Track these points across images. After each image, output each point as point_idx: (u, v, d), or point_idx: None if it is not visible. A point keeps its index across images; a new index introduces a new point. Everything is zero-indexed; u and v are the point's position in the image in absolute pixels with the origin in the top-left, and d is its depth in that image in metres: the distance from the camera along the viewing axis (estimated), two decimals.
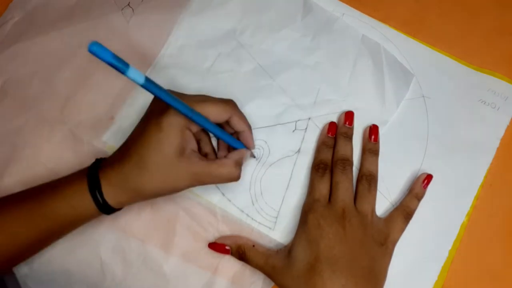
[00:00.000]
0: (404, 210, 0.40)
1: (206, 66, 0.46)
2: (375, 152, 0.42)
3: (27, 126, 0.44)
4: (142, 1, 0.48)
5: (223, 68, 0.46)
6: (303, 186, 0.42)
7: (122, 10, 0.48)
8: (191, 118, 0.34)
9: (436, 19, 0.48)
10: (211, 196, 0.42)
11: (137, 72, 0.29)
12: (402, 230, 0.40)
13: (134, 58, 0.46)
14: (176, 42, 0.46)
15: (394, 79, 0.45)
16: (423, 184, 0.41)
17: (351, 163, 0.41)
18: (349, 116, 0.43)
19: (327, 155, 0.42)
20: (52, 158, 0.43)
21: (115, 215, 0.41)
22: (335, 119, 0.44)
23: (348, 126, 0.43)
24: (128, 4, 0.48)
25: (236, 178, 0.37)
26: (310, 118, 0.44)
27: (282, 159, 0.43)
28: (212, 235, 0.41)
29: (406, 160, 0.44)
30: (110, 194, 0.35)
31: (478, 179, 0.43)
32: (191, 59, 0.46)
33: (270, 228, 0.41)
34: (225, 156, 0.38)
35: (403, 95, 0.45)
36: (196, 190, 0.42)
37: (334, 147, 0.42)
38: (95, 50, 0.26)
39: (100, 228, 0.41)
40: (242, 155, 0.39)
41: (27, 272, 0.41)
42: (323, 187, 0.40)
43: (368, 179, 0.41)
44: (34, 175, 0.42)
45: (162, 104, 0.34)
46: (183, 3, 0.47)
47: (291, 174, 0.43)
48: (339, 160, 0.41)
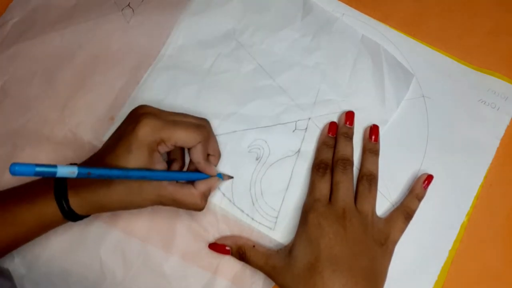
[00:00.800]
0: (404, 210, 0.40)
1: (206, 66, 0.46)
2: (376, 152, 0.42)
3: (27, 126, 0.44)
4: (142, 1, 0.48)
5: (223, 68, 0.46)
6: (303, 186, 0.42)
7: (122, 10, 0.48)
8: (143, 179, 0.35)
9: (436, 19, 0.48)
10: (212, 197, 0.42)
11: (65, 168, 0.28)
12: (402, 230, 0.40)
13: (134, 58, 0.46)
14: (176, 42, 0.46)
15: (394, 79, 0.45)
16: (424, 185, 0.41)
17: (351, 163, 0.41)
18: (349, 116, 0.43)
19: (327, 155, 0.42)
20: (52, 158, 0.43)
21: (115, 215, 0.41)
22: (335, 119, 0.44)
23: (348, 126, 0.43)
24: (128, 4, 0.48)
25: (200, 210, 0.38)
26: (310, 118, 0.44)
27: (282, 159, 0.43)
28: (212, 235, 0.41)
29: (406, 160, 0.44)
30: (76, 204, 0.35)
31: (478, 179, 0.43)
32: (191, 59, 0.46)
33: (270, 228, 0.41)
34: (193, 185, 0.38)
35: (403, 95, 0.45)
36: None
37: (335, 147, 0.42)
38: (17, 170, 0.26)
39: (100, 228, 0.41)
40: (210, 185, 0.39)
41: (24, 273, 0.41)
42: (324, 187, 0.40)
43: (368, 179, 0.41)
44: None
45: (134, 124, 0.35)
46: (183, 3, 0.47)
47: (291, 174, 0.43)
48: (340, 160, 0.41)
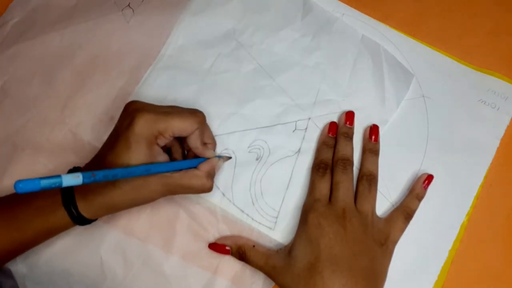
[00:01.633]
0: (404, 211, 0.40)
1: (206, 66, 0.46)
2: (376, 152, 0.42)
3: (27, 126, 0.44)
4: (142, 1, 0.48)
5: (223, 68, 0.46)
6: (303, 186, 0.42)
7: (122, 10, 0.48)
8: (147, 173, 0.35)
9: (436, 19, 0.48)
10: (212, 196, 0.42)
11: (70, 178, 0.28)
12: (402, 230, 0.40)
13: (134, 58, 0.46)
14: (176, 42, 0.46)
15: (394, 79, 0.45)
16: (424, 185, 0.41)
17: (351, 163, 0.41)
18: (349, 116, 0.43)
19: (327, 155, 0.42)
20: (52, 159, 0.43)
21: (115, 215, 0.41)
22: (335, 119, 0.44)
23: (348, 126, 0.43)
24: (128, 4, 0.48)
25: (208, 190, 0.38)
26: (310, 118, 0.44)
27: (282, 159, 0.43)
28: (212, 235, 0.41)
29: (406, 160, 0.44)
30: (84, 208, 0.35)
31: (478, 179, 0.43)
32: (191, 59, 0.46)
33: (270, 228, 0.41)
34: (196, 167, 0.38)
35: (403, 95, 0.45)
36: None
37: (335, 147, 0.42)
38: (22, 187, 0.26)
39: (101, 228, 0.41)
40: (213, 165, 0.39)
41: (26, 272, 0.41)
42: (324, 187, 0.40)
43: (368, 179, 0.41)
44: (35, 176, 0.42)
45: (129, 119, 0.35)
46: (183, 3, 0.47)
47: (291, 174, 0.43)
48: (340, 160, 0.41)
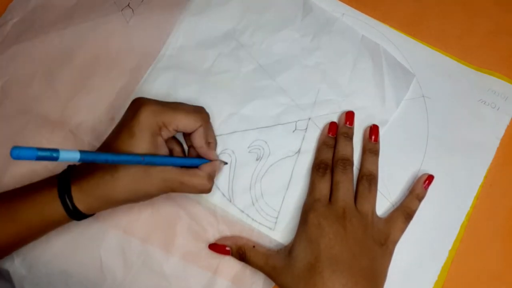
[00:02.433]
0: (404, 211, 0.40)
1: (206, 66, 0.46)
2: (376, 152, 0.42)
3: (27, 127, 0.44)
4: (142, 1, 0.48)
5: (223, 68, 0.46)
6: (303, 186, 0.42)
7: (122, 10, 0.48)
8: (148, 164, 0.34)
9: (436, 19, 0.48)
10: (212, 197, 0.42)
11: (68, 153, 0.28)
12: (402, 231, 0.40)
13: (134, 59, 0.46)
14: (176, 42, 0.46)
15: (394, 79, 0.45)
16: (424, 185, 0.41)
17: (351, 163, 0.41)
18: (349, 116, 0.43)
19: (327, 155, 0.42)
20: None
21: (115, 215, 0.41)
22: (335, 119, 0.44)
23: (348, 126, 0.43)
24: (128, 4, 0.48)
25: (208, 191, 0.38)
26: (310, 118, 0.44)
27: (283, 159, 0.43)
28: (212, 235, 0.41)
29: (406, 160, 0.44)
30: (80, 200, 0.35)
31: (478, 179, 0.43)
32: (191, 59, 0.46)
33: (271, 229, 0.41)
34: (198, 168, 0.38)
35: (403, 95, 0.45)
36: None
37: (335, 147, 0.42)
38: (18, 153, 0.26)
39: (100, 228, 0.41)
40: (215, 167, 0.39)
41: (24, 274, 0.41)
42: (324, 187, 0.40)
43: (368, 179, 0.41)
44: (35, 176, 0.42)
45: (135, 110, 0.35)
46: (183, 3, 0.47)
47: (291, 174, 0.43)
48: (340, 160, 0.41)
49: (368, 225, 0.39)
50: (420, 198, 0.41)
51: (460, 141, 0.44)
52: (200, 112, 0.37)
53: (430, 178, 0.42)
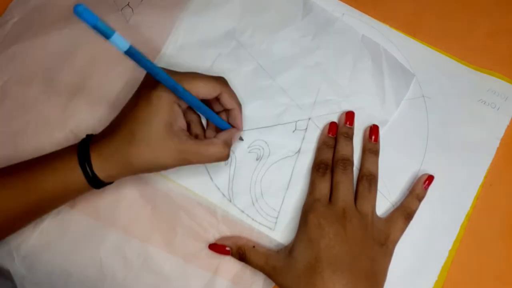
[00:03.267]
0: (404, 211, 0.40)
1: (206, 66, 0.46)
2: (376, 152, 0.42)
3: (28, 127, 0.44)
4: (141, 1, 0.48)
5: (223, 68, 0.46)
6: (303, 186, 0.42)
7: (121, 10, 0.48)
8: (177, 93, 0.34)
9: (436, 19, 0.48)
10: (212, 197, 0.42)
11: (121, 39, 0.29)
12: (402, 231, 0.40)
13: None
14: (176, 42, 0.46)
15: (394, 79, 0.45)
16: (424, 185, 0.41)
17: (351, 163, 0.41)
18: (349, 116, 0.43)
19: (327, 155, 0.42)
20: None
21: (115, 215, 0.41)
22: (335, 119, 0.44)
23: (348, 126, 0.43)
24: (128, 4, 0.48)
25: (225, 158, 0.37)
26: (310, 118, 0.44)
27: (283, 159, 0.43)
28: (212, 235, 0.41)
29: (406, 160, 0.44)
30: (99, 167, 0.35)
31: (478, 179, 0.43)
32: (191, 59, 0.46)
33: (271, 229, 0.41)
34: (214, 136, 0.38)
35: (403, 95, 0.45)
36: (196, 189, 0.42)
37: (335, 147, 0.42)
38: (81, 11, 0.26)
39: (100, 228, 0.41)
40: (231, 135, 0.39)
41: (25, 273, 0.41)
42: (324, 187, 0.40)
43: (368, 179, 0.41)
44: None
45: (153, 79, 0.34)
46: (183, 3, 0.47)
47: (291, 175, 0.43)
48: (340, 160, 0.41)
49: (368, 225, 0.39)
50: (420, 198, 0.41)
51: (460, 141, 0.44)
52: (218, 79, 0.38)
53: (430, 178, 0.42)
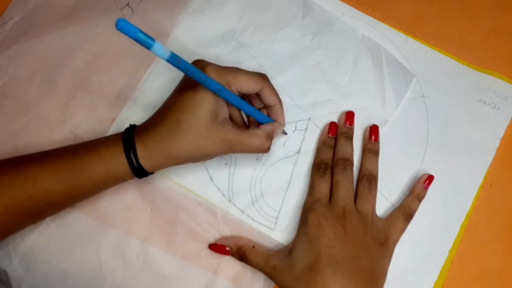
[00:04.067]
0: (404, 211, 0.40)
1: None
2: (376, 152, 0.42)
3: (28, 127, 0.44)
4: (141, 1, 0.48)
5: None
6: (303, 186, 0.42)
7: (121, 10, 0.48)
8: (219, 93, 0.35)
9: (436, 19, 0.48)
10: (212, 197, 0.42)
11: (161, 48, 0.30)
12: (402, 231, 0.40)
13: (134, 58, 0.46)
14: (175, 42, 0.46)
15: (394, 79, 0.45)
16: (424, 185, 0.41)
17: (351, 163, 0.41)
18: (349, 116, 0.43)
19: (327, 155, 0.42)
20: None
21: (115, 215, 0.41)
22: (335, 119, 0.44)
23: (348, 126, 0.43)
24: (127, 4, 0.48)
25: (266, 150, 0.38)
26: (310, 118, 0.44)
27: (283, 160, 0.43)
28: (213, 235, 0.41)
29: (406, 160, 0.44)
30: (144, 156, 0.36)
31: (478, 179, 0.43)
32: (191, 59, 0.46)
33: (271, 229, 0.41)
34: (258, 128, 0.39)
35: (403, 95, 0.45)
36: (196, 190, 0.42)
37: (335, 147, 0.42)
38: (123, 26, 0.27)
39: (100, 228, 0.41)
40: (274, 128, 0.39)
41: (22, 274, 0.41)
42: (324, 187, 0.40)
43: (368, 179, 0.41)
44: None
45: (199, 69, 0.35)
46: (182, 3, 0.47)
47: (292, 175, 0.43)
48: (340, 160, 0.41)
49: (368, 225, 0.39)
50: (420, 198, 0.41)
51: (460, 141, 0.44)
52: (260, 74, 0.38)
53: (430, 178, 0.42)
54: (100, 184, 0.37)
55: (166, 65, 0.45)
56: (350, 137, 0.43)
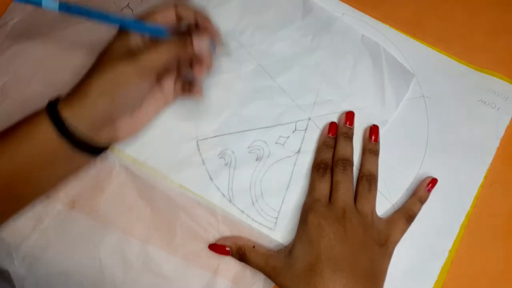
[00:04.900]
0: (406, 213, 0.40)
1: None
2: (375, 152, 0.42)
3: None
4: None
5: (222, 68, 0.46)
6: (303, 186, 0.42)
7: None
8: (120, 23, 0.35)
9: (436, 19, 0.48)
10: (212, 197, 0.42)
11: (49, 1, 0.30)
12: (403, 232, 0.40)
13: None
14: None
15: (394, 79, 0.45)
16: (427, 188, 0.41)
17: (351, 163, 0.41)
18: (349, 116, 0.43)
19: (327, 155, 0.42)
20: None
21: (114, 215, 0.41)
22: (335, 119, 0.44)
23: (348, 126, 0.43)
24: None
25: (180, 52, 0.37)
26: (310, 118, 0.44)
27: (282, 160, 0.43)
28: (212, 235, 0.41)
29: (406, 160, 0.44)
30: (72, 118, 0.34)
31: (478, 179, 0.43)
32: None
33: (271, 229, 0.41)
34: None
35: (403, 95, 0.45)
36: (196, 190, 0.42)
37: (335, 147, 0.42)
38: None
39: (100, 228, 0.41)
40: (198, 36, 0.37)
41: (24, 274, 0.41)
42: (324, 187, 0.40)
43: (368, 179, 0.41)
44: None
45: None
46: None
47: (291, 175, 0.43)
48: (340, 160, 0.41)
49: (368, 225, 0.38)
50: (422, 201, 0.41)
51: (460, 141, 0.44)
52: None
53: (434, 181, 0.42)
54: (37, 164, 0.34)
55: None
56: (350, 137, 0.43)
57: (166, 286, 0.40)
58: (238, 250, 0.39)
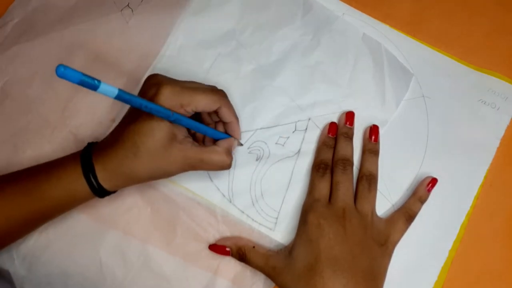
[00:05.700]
0: (406, 212, 0.40)
1: (205, 66, 0.46)
2: (375, 152, 0.42)
3: (28, 127, 0.44)
4: (141, 1, 0.48)
5: (222, 68, 0.46)
6: (303, 186, 0.42)
7: (121, 10, 0.48)
8: (173, 121, 0.35)
9: (436, 19, 0.48)
10: (212, 197, 0.42)
11: (108, 87, 0.29)
12: (403, 232, 0.40)
13: (134, 59, 0.46)
14: (175, 43, 0.46)
15: (394, 79, 0.45)
16: (428, 188, 0.41)
17: (351, 163, 0.41)
18: (349, 116, 0.43)
19: (327, 155, 0.42)
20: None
21: (114, 216, 0.41)
22: (335, 119, 0.44)
23: (348, 126, 0.43)
24: (128, 4, 0.48)
25: (228, 166, 0.38)
26: (310, 119, 0.44)
27: (282, 160, 0.43)
28: (213, 236, 0.41)
29: (406, 160, 0.44)
30: (104, 178, 0.36)
31: (478, 179, 0.43)
32: (191, 60, 0.46)
33: (271, 229, 0.41)
34: (215, 144, 0.38)
35: (403, 95, 0.45)
36: (196, 190, 0.42)
37: (335, 147, 0.42)
38: (64, 73, 0.26)
39: (100, 229, 0.41)
40: (231, 143, 0.39)
41: (24, 274, 0.41)
42: (324, 187, 0.40)
43: (368, 179, 0.41)
44: None
45: (153, 89, 0.35)
46: (182, 3, 0.47)
47: (291, 175, 0.43)
48: (340, 160, 0.41)
49: (368, 225, 0.39)
50: (422, 201, 0.41)
51: (460, 141, 0.44)
52: (217, 93, 0.38)
53: (434, 181, 0.42)
54: (61, 206, 0.37)
55: (165, 67, 0.46)
56: (350, 137, 0.43)
57: (166, 286, 0.40)
58: (238, 251, 0.39)
